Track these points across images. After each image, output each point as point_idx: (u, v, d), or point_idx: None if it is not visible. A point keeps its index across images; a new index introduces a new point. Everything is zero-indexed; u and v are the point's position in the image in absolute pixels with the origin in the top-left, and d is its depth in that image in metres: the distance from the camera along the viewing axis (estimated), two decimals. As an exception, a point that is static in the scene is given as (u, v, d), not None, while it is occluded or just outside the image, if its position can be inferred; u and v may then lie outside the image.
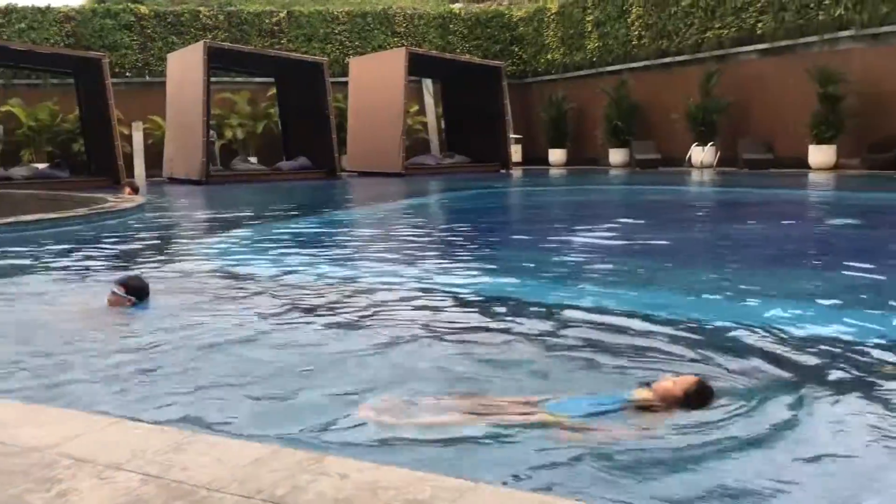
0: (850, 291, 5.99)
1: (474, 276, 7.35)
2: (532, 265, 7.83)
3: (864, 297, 5.79)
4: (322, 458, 2.78)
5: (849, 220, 11.74)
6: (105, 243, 10.25)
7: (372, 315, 5.54)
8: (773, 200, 15.47)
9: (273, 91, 28.59)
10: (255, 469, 2.67)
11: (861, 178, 19.30)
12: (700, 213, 13.93)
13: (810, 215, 13.31)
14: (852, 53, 21.27)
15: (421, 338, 4.88)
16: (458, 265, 7.95)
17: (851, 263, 7.34)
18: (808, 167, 21.75)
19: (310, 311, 5.81)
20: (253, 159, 27.86)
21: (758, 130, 23.60)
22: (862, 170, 20.76)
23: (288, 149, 27.33)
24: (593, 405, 3.48)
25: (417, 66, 26.43)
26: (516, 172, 26.81)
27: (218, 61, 25.04)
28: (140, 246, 10.33)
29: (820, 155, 21.62)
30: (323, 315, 5.64)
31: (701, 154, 24.09)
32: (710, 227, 11.73)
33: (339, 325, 5.25)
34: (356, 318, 5.45)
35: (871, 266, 7.16)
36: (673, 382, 3.51)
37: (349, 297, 6.32)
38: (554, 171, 27.71)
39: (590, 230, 10.74)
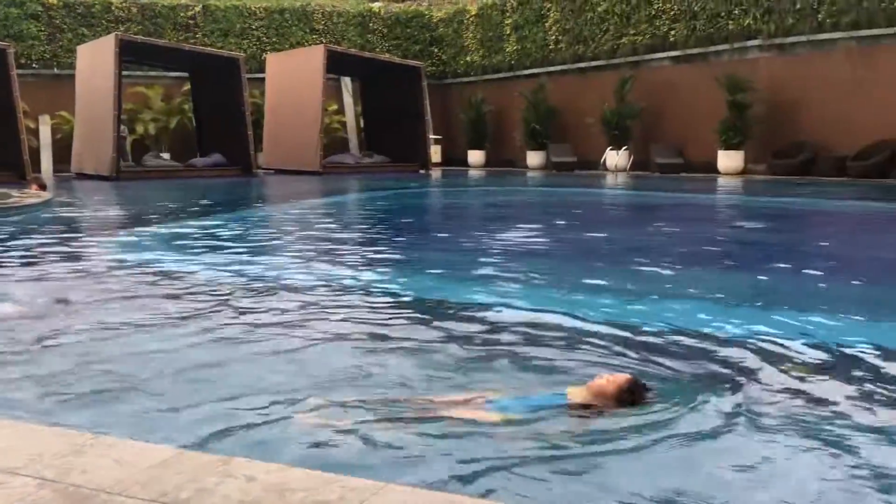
0: (756, 291, 6.19)
1: (393, 275, 7.34)
2: (452, 265, 7.85)
3: (771, 297, 5.99)
4: (229, 460, 2.74)
5: (754, 224, 12.15)
6: (7, 240, 9.88)
7: (287, 315, 5.47)
8: (682, 204, 15.88)
9: (187, 86, 28.01)
10: (158, 472, 2.61)
11: (767, 182, 19.98)
12: (613, 216, 14.23)
13: (717, 218, 13.72)
14: (760, 62, 22.02)
15: (336, 339, 4.84)
16: (375, 265, 7.92)
17: (756, 265, 7.59)
18: (718, 172, 22.41)
19: (220, 310, 5.69)
20: (165, 155, 27.25)
21: (670, 136, 24.19)
22: (768, 175, 21.49)
23: (202, 145, 26.82)
24: (533, 404, 3.53)
25: (336, 64, 26.27)
26: (436, 173, 26.87)
27: (130, 55, 24.39)
28: (44, 242, 9.99)
29: (728, 160, 22.29)
30: (235, 315, 5.54)
31: (615, 158, 24.57)
32: (622, 228, 11.97)
33: (252, 325, 5.17)
34: (270, 319, 5.38)
35: (777, 267, 7.42)
36: (607, 381, 3.59)
37: (262, 296, 6.22)
38: (473, 173, 27.88)
39: (508, 230, 10.85)
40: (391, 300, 6.13)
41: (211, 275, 7.21)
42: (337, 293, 6.29)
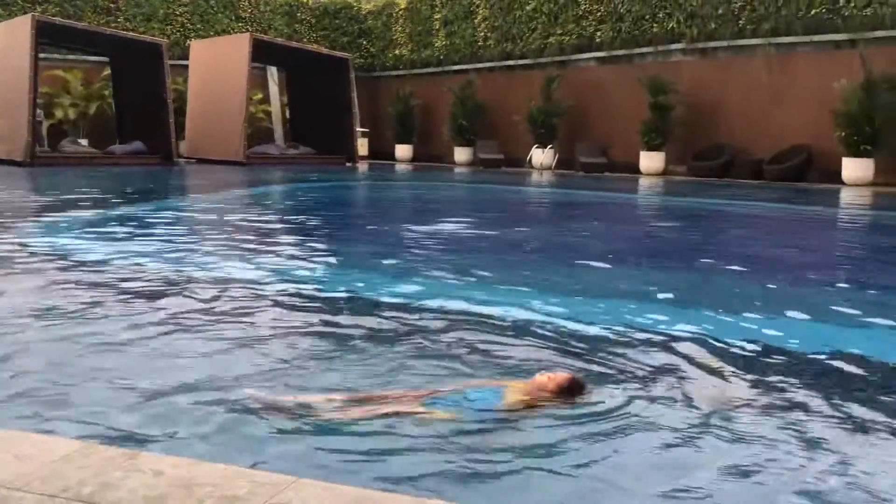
0: (670, 288, 6.32)
1: (316, 269, 7.27)
2: (378, 259, 7.82)
3: (682, 294, 6.13)
4: (136, 454, 2.68)
5: (670, 223, 12.44)
6: None
7: (205, 309, 5.37)
8: (602, 203, 16.15)
9: (108, 71, 27.26)
10: (61, 466, 2.53)
11: (686, 183, 20.46)
12: (536, 212, 14.39)
13: (636, 217, 13.99)
14: (682, 65, 22.53)
15: (255, 335, 4.78)
16: (298, 258, 7.83)
17: (669, 263, 7.77)
18: (640, 172, 22.86)
19: (132, 301, 5.57)
20: (83, 141, 26.47)
21: (594, 135, 24.58)
22: (688, 176, 22.01)
23: (122, 132, 26.15)
24: (472, 400, 3.53)
25: (262, 53, 25.92)
26: (362, 166, 26.75)
27: (47, 37, 23.62)
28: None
29: (649, 161, 22.77)
30: (148, 307, 5.42)
31: (541, 156, 24.86)
32: (544, 225, 12.12)
33: (166, 318, 5.06)
34: (187, 312, 5.28)
35: (690, 265, 7.60)
36: (548, 378, 3.64)
37: (179, 288, 6.10)
38: (400, 167, 27.84)
39: (434, 225, 10.87)
40: (315, 294, 6.08)
41: (123, 266, 7.04)
42: (258, 286, 6.20)
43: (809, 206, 15.38)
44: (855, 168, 18.63)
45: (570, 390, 3.60)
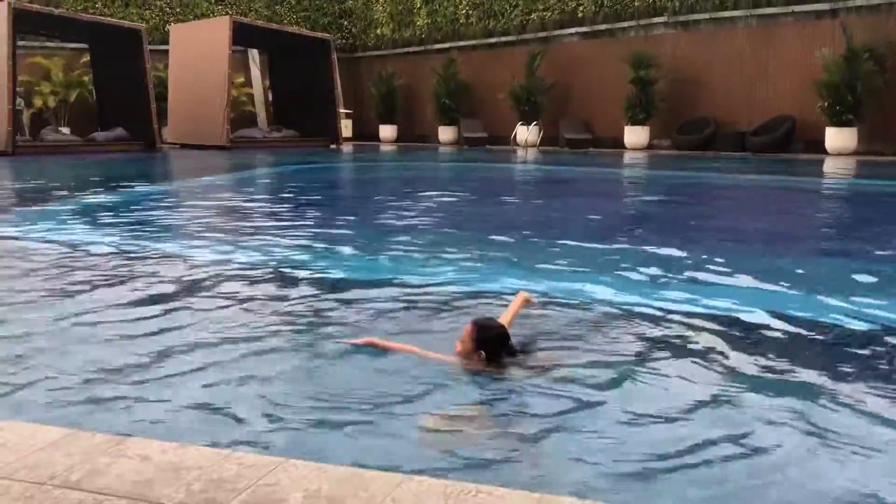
0: (651, 262, 6.35)
1: (303, 251, 7.27)
2: (363, 240, 7.82)
3: (666, 267, 6.16)
4: (123, 440, 2.68)
5: (657, 197, 12.47)
6: None
7: (196, 294, 5.39)
8: (587, 178, 16.17)
9: (87, 58, 26.99)
10: (48, 454, 2.54)
11: (670, 157, 20.48)
12: (522, 189, 14.39)
13: (620, 192, 14.02)
14: (665, 39, 22.49)
15: (248, 319, 4.80)
16: (285, 241, 7.82)
17: (655, 236, 7.80)
18: (624, 147, 22.87)
19: (123, 286, 5.59)
20: (65, 129, 26.28)
21: (578, 111, 24.55)
22: (672, 150, 22.04)
23: (103, 119, 25.95)
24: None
25: (243, 36, 25.73)
26: (347, 148, 26.64)
27: (25, 24, 23.37)
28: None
29: (634, 135, 22.77)
30: (139, 294, 5.44)
31: (525, 133, 24.80)
32: (532, 203, 12.13)
33: (160, 305, 5.07)
34: (178, 297, 5.32)
35: (676, 239, 7.63)
36: (461, 341, 3.83)
37: (168, 274, 6.10)
38: (384, 148, 27.74)
39: (419, 205, 10.86)
40: (304, 276, 6.09)
41: (110, 252, 7.02)
42: (247, 271, 6.22)
43: (792, 177, 15.44)
44: (838, 137, 18.69)
45: (484, 331, 3.77)
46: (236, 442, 2.94)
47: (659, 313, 4.79)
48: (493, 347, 3.79)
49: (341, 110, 27.75)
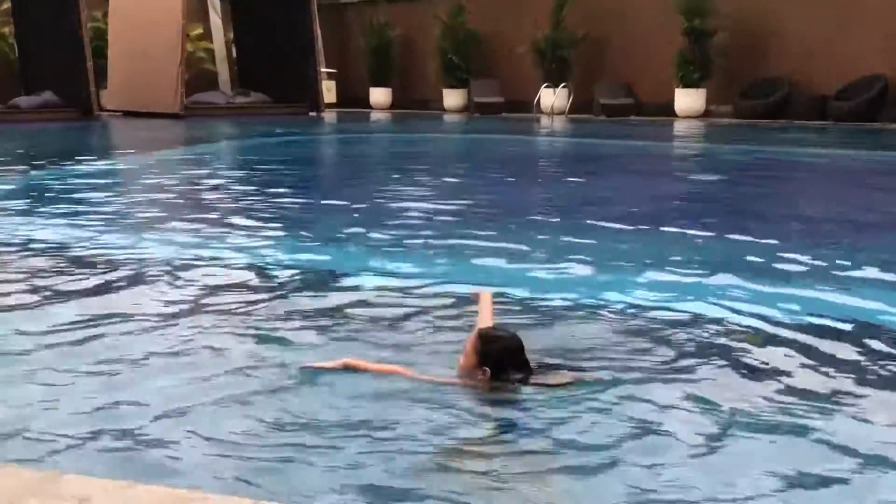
0: (714, 258, 6.37)
1: (273, 243, 7.31)
2: (346, 232, 7.85)
3: (730, 264, 6.18)
4: (57, 476, 2.70)
5: (716, 177, 12.46)
6: None
7: (137, 298, 5.42)
8: (629, 153, 16.14)
9: (7, 5, 27.01)
10: (-35, 495, 2.56)
11: (732, 127, 20.44)
12: (549, 170, 14.37)
13: (672, 171, 13.99)
14: (725, -19, 22.41)
15: (205, 321, 4.88)
16: (250, 231, 7.85)
17: (714, 226, 7.82)
18: (675, 114, 22.82)
19: (56, 287, 5.64)
20: (-21, 94, 26.35)
21: (617, 70, 24.47)
22: (734, 118, 21.99)
23: (28, 81, 25.97)
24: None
25: (200, -22, 25.77)
26: (329, 116, 26.63)
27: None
28: None
29: (687, 100, 22.73)
30: (75, 293, 5.50)
31: (551, 98, 24.76)
32: (559, 185, 12.13)
33: (97, 305, 5.13)
34: (119, 296, 5.40)
35: (740, 229, 7.65)
36: (464, 356, 3.89)
37: (108, 270, 6.14)
38: (376, 116, 27.73)
39: (416, 189, 10.85)
40: (275, 273, 6.16)
41: (40, 247, 7.08)
42: (205, 268, 6.26)
43: (885, 151, 15.40)
44: (941, 103, 18.66)
45: (490, 343, 3.84)
46: (189, 480, 2.96)
47: (716, 319, 4.84)
48: (500, 363, 3.81)
49: (323, 70, 27.72)
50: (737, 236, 7.39)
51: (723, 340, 4.51)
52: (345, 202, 9.74)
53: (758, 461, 3.16)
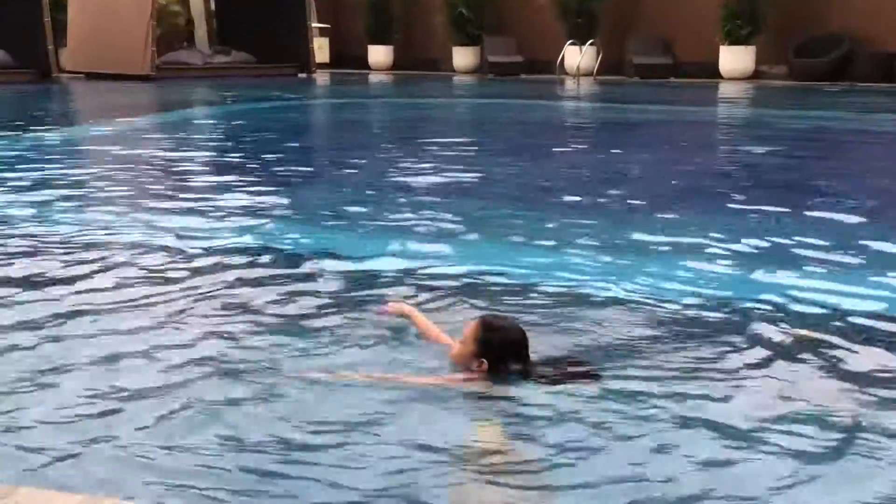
0: (764, 241, 6.36)
1: (257, 224, 7.31)
2: (338, 211, 7.88)
3: (786, 247, 6.17)
4: (13, 490, 2.71)
5: (767, 148, 12.42)
6: None
7: (101, 290, 5.43)
8: (667, 120, 16.13)
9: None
10: None
11: (786, 90, 20.38)
12: (574, 140, 14.34)
13: (717, 142, 13.96)
14: (777, -79, 22.32)
15: (180, 314, 4.90)
16: (230, 210, 7.86)
17: (763, 204, 7.81)
18: (720, 76, 22.76)
19: (17, 274, 5.69)
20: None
21: (653, 25, 24.42)
22: (787, 80, 21.92)
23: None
24: None
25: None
26: (321, 78, 26.62)
27: None
28: None
29: (733, 60, 22.67)
30: (40, 282, 5.54)
31: (577, 57, 24.69)
32: (586, 158, 12.10)
33: (60, 302, 5.14)
34: (90, 289, 5.40)
35: (794, 207, 7.64)
36: (461, 342, 3.99)
37: (73, 258, 6.16)
38: (375, 78, 27.71)
39: (418, 163, 10.86)
40: (263, 259, 6.20)
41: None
42: (185, 255, 6.28)
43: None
44: None
45: (491, 331, 3.91)
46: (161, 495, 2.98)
47: (762, 311, 4.85)
48: (500, 354, 3.87)
49: (314, 25, 27.70)
50: (792, 216, 7.38)
51: (770, 336, 4.50)
52: (339, 178, 9.77)
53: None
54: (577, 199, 8.46)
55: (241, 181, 9.69)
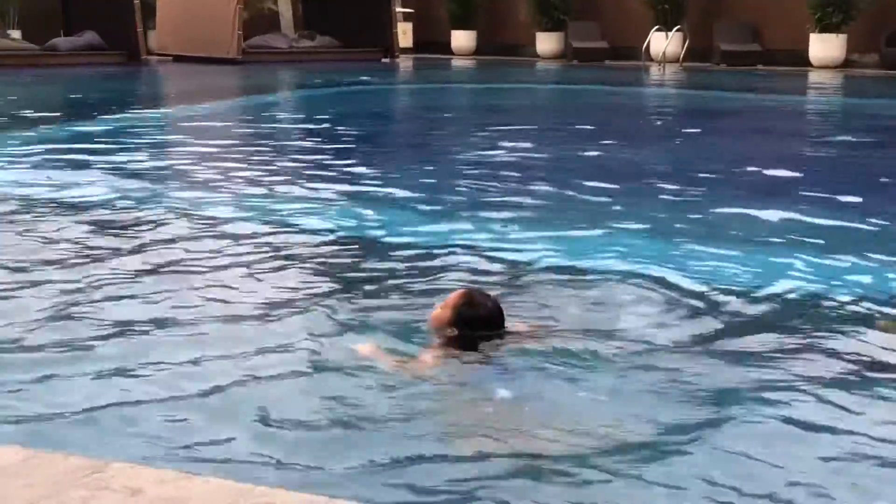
0: (858, 235, 6.26)
1: (342, 207, 7.36)
2: (421, 195, 7.89)
3: (870, 241, 6.08)
4: (104, 465, 2.72)
5: (859, 139, 12.21)
6: None
7: (199, 258, 5.56)
8: (756, 108, 15.89)
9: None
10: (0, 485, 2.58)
11: (879, 79, 20.00)
12: (660, 128, 14.22)
13: (807, 131, 13.74)
14: None
15: (265, 293, 4.96)
16: (318, 193, 7.92)
17: (849, 197, 7.70)
18: (809, 64, 22.39)
19: (109, 248, 5.83)
20: (15, 34, 26.75)
21: (740, 12, 24.10)
22: (880, 69, 21.51)
23: (69, 20, 26.41)
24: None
25: None
26: (405, 63, 26.63)
27: None
28: None
29: (824, 48, 22.27)
30: (129, 255, 5.67)
31: (663, 43, 24.46)
32: (670, 146, 11.99)
33: (153, 270, 5.28)
34: (177, 261, 5.52)
35: (882, 200, 7.51)
36: (441, 307, 4.19)
37: (165, 231, 6.32)
38: (458, 63, 27.65)
39: (502, 147, 10.83)
40: (349, 240, 6.28)
41: (91, 204, 7.28)
42: (276, 232, 6.40)
43: None
44: None
45: (470, 305, 4.15)
46: (244, 471, 2.99)
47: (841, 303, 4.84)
48: (471, 327, 4.14)
49: (398, 10, 27.71)
50: (883, 212, 7.24)
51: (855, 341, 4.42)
52: (418, 163, 9.78)
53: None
54: (661, 184, 8.40)
55: (318, 165, 9.78)
